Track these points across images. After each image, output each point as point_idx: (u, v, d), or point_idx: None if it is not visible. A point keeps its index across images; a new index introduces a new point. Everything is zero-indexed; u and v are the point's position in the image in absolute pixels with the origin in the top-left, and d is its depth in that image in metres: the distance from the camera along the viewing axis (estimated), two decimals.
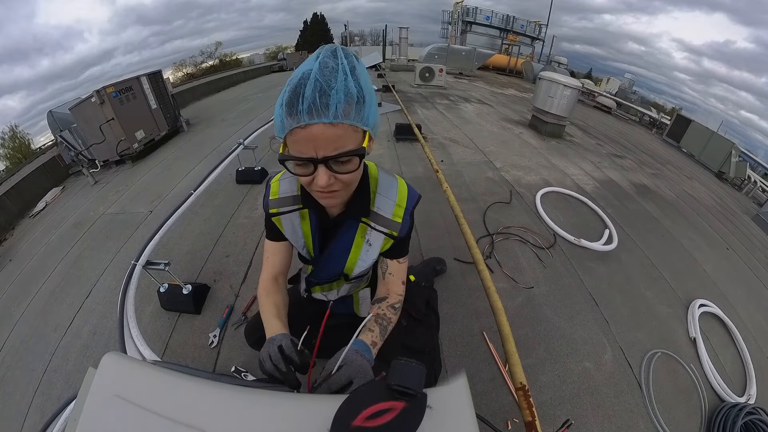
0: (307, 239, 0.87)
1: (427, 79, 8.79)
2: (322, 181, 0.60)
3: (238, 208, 2.76)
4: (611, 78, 17.61)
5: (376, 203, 0.79)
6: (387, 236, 0.81)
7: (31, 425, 1.45)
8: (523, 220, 2.71)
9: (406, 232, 0.81)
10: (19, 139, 24.37)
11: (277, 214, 0.84)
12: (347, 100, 0.55)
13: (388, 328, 0.79)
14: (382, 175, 0.82)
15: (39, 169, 5.10)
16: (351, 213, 0.79)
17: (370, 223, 0.80)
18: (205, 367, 1.52)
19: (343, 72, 0.55)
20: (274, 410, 0.54)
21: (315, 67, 0.55)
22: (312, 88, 0.53)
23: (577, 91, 5.05)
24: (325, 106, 0.53)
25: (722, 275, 2.65)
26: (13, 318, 2.11)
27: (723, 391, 1.64)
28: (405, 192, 0.82)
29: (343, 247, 0.85)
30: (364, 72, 0.61)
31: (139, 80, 4.87)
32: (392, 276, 0.88)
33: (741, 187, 7.05)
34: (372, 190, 0.79)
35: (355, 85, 0.56)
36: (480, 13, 23.60)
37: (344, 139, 0.57)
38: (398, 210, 0.80)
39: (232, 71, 15.36)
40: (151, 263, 1.58)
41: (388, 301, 0.85)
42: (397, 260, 0.88)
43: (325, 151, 0.57)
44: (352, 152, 0.58)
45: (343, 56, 0.58)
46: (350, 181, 0.66)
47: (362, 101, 0.57)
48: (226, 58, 35.01)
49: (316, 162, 0.58)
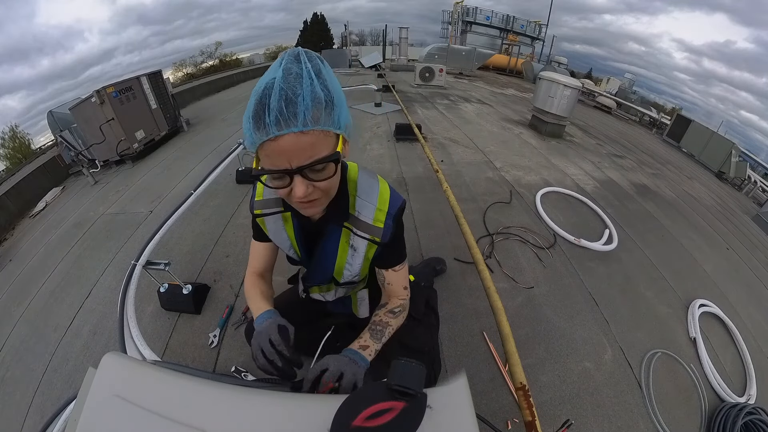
0: (292, 241, 0.86)
1: (427, 79, 8.79)
2: (300, 191, 0.58)
3: (238, 208, 2.76)
4: (611, 78, 17.60)
5: (357, 207, 0.76)
6: (370, 242, 0.78)
7: (31, 425, 1.45)
8: (523, 220, 2.71)
9: (389, 237, 0.77)
10: (19, 139, 24.38)
11: (261, 215, 0.84)
12: (315, 106, 0.53)
13: (384, 332, 0.79)
14: (362, 177, 0.78)
15: (39, 169, 5.10)
16: (330, 218, 0.77)
17: (352, 229, 0.78)
18: (205, 367, 1.52)
19: (308, 77, 0.53)
20: (274, 410, 0.54)
21: (278, 74, 0.53)
22: (277, 97, 0.51)
23: (577, 91, 5.05)
24: (293, 114, 0.51)
25: (722, 275, 2.65)
26: (13, 318, 2.11)
27: (723, 391, 1.64)
28: (387, 195, 0.78)
29: (329, 252, 0.83)
30: (330, 73, 0.58)
31: (139, 80, 4.87)
32: (391, 285, 0.87)
33: (741, 187, 7.05)
34: (351, 194, 0.76)
35: (322, 89, 0.54)
36: (480, 13, 23.60)
37: (317, 146, 0.55)
38: (379, 215, 0.76)
39: (232, 71, 15.37)
40: (151, 263, 1.58)
41: (386, 306, 0.86)
42: (393, 269, 0.86)
43: (299, 161, 0.55)
44: (327, 158, 0.56)
45: (307, 60, 0.55)
46: (329, 188, 0.64)
47: (331, 104, 0.55)
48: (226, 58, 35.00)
49: (291, 173, 0.56)
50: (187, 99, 8.65)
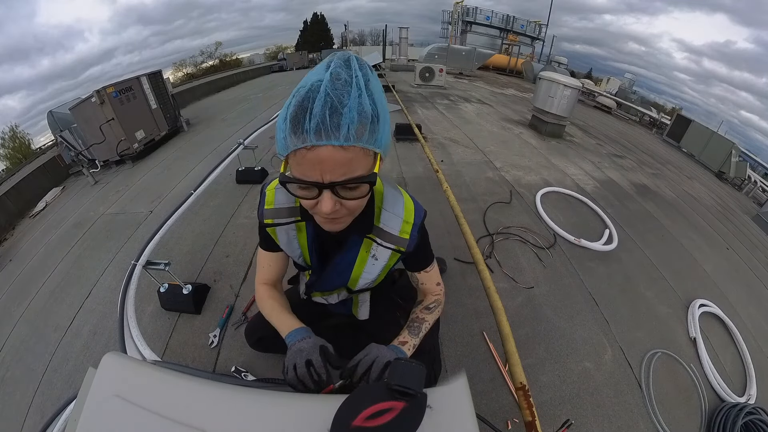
0: (303, 250, 0.84)
1: (427, 79, 8.79)
2: (327, 207, 0.54)
3: (238, 208, 2.76)
4: (611, 78, 17.57)
5: (382, 219, 0.75)
6: (394, 251, 0.79)
7: (31, 425, 1.45)
8: (523, 220, 2.71)
9: (414, 247, 0.78)
10: (19, 139, 24.40)
11: (272, 225, 0.80)
12: (361, 121, 0.48)
13: (421, 327, 0.83)
14: (387, 189, 0.77)
15: (39, 169, 5.10)
16: (354, 230, 0.74)
17: (376, 239, 0.77)
18: (205, 367, 1.51)
19: (357, 87, 0.49)
20: (274, 410, 0.54)
21: (326, 78, 0.48)
22: (322, 104, 0.47)
23: (577, 91, 5.05)
24: (336, 126, 0.47)
25: (722, 275, 2.65)
26: (14, 318, 2.11)
27: (723, 391, 1.64)
28: (411, 207, 0.78)
29: (346, 261, 0.82)
30: (379, 86, 0.54)
31: (139, 80, 4.87)
32: (425, 285, 0.92)
33: (741, 187, 7.05)
34: (377, 206, 0.75)
35: (370, 103, 0.50)
36: (480, 13, 23.61)
37: (354, 163, 0.51)
38: (406, 226, 0.76)
39: (232, 71, 15.37)
40: (151, 263, 1.58)
41: (422, 303, 0.90)
42: (425, 271, 0.90)
43: (333, 176, 0.51)
44: (363, 179, 0.52)
45: (358, 67, 0.51)
46: (357, 208, 0.60)
47: (376, 121, 0.51)
48: (226, 58, 35.01)
49: (321, 187, 0.52)
50: (187, 99, 8.66)
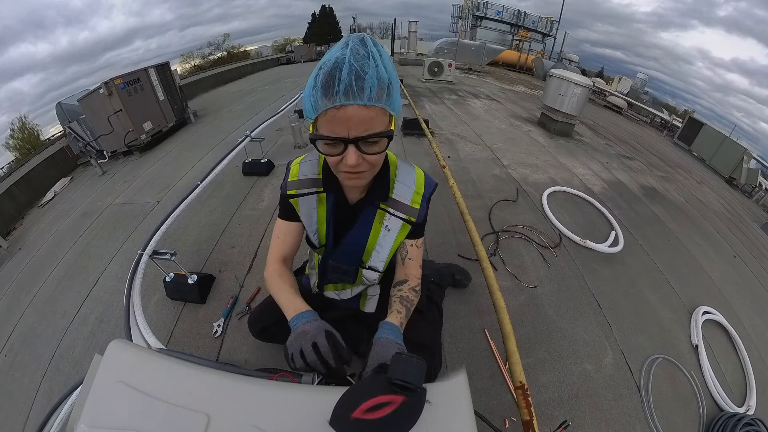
0: (320, 225, 0.88)
1: (436, 74, 8.72)
2: (352, 160, 0.62)
3: (244, 200, 2.77)
4: (623, 77, 17.19)
5: (395, 190, 0.83)
6: (405, 222, 0.85)
7: (38, 409, 1.49)
8: (528, 218, 2.70)
9: (423, 217, 0.87)
10: (29, 131, 24.69)
11: (295, 196, 0.86)
12: (380, 85, 0.58)
13: (411, 309, 0.84)
14: (400, 163, 0.86)
15: (48, 160, 5.18)
16: (371, 198, 0.82)
17: (389, 209, 0.84)
18: (209, 356, 1.54)
19: (373, 59, 0.59)
20: (275, 399, 0.54)
21: (348, 53, 0.58)
22: (348, 71, 0.56)
23: (587, 90, 4.97)
24: (360, 89, 0.57)
25: (728, 283, 2.61)
26: (22, 305, 2.15)
27: (722, 401, 1.63)
28: (422, 179, 0.86)
29: (361, 233, 0.87)
30: (390, 60, 0.64)
31: (147, 72, 4.90)
32: (411, 260, 0.93)
33: (751, 194, 6.92)
34: (392, 178, 0.83)
35: (385, 72, 0.60)
36: (491, 8, 23.25)
37: (375, 120, 0.60)
38: (416, 197, 0.84)
39: (240, 63, 15.37)
40: (158, 253, 1.60)
41: (409, 284, 0.90)
42: (415, 244, 0.92)
43: (357, 132, 0.60)
44: (382, 134, 0.62)
45: (372, 44, 0.62)
46: (376, 163, 0.69)
47: (391, 87, 0.61)
48: (234, 50, 34.94)
49: (347, 142, 0.61)
50: (195, 91, 8.70)
